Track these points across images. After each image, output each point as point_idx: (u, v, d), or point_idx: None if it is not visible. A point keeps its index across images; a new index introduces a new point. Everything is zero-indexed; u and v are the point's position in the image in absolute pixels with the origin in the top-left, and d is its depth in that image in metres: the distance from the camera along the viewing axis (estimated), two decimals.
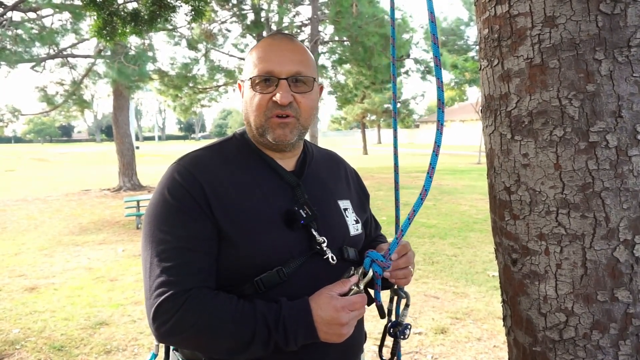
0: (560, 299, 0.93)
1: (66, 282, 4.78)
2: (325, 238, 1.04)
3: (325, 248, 1.03)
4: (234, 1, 13.98)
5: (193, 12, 4.16)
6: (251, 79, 1.03)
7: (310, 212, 1.04)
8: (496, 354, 3.06)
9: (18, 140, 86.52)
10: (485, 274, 4.75)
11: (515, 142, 0.98)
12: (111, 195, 12.23)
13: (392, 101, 1.32)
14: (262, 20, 14.31)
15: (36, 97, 12.73)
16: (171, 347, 1.12)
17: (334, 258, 1.04)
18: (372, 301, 1.11)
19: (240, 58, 15.13)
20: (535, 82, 0.93)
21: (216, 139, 1.17)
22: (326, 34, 16.08)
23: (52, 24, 10.87)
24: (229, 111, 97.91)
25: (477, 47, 1.14)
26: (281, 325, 0.92)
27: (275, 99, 1.01)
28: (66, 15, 10.32)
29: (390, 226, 5.75)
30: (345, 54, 15.18)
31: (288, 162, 1.12)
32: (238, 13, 14.28)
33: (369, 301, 1.13)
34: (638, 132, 0.86)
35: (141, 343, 3.31)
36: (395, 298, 1.26)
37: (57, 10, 9.90)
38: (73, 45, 12.38)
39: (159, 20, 4.13)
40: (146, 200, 7.75)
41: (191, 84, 14.59)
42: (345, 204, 1.17)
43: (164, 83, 14.22)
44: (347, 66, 16.58)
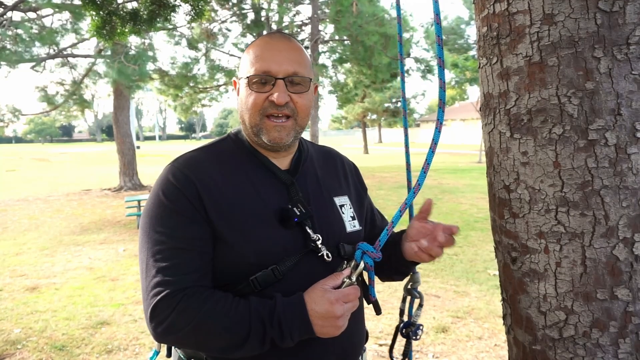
0: (559, 298, 0.93)
1: (67, 282, 4.78)
2: (320, 235, 1.04)
3: (320, 245, 1.04)
4: (234, 0, 13.98)
5: (193, 12, 4.16)
6: (248, 78, 1.04)
7: (304, 210, 1.04)
8: (497, 353, 3.06)
9: (19, 140, 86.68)
10: (486, 273, 4.75)
11: (514, 140, 0.98)
12: (112, 195, 12.23)
13: (402, 99, 1.32)
14: (262, 19, 14.31)
15: (36, 97, 12.79)
16: None
17: (329, 255, 1.04)
18: (370, 301, 1.11)
19: (240, 57, 15.12)
20: (534, 80, 0.93)
21: (212, 139, 1.18)
22: (326, 33, 16.08)
23: (52, 24, 10.91)
24: (230, 110, 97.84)
25: (477, 46, 1.13)
26: (276, 320, 0.92)
27: (272, 99, 1.01)
28: (66, 15, 10.34)
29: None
30: (345, 53, 15.19)
31: (283, 161, 1.12)
32: (238, 12, 14.29)
33: (367, 301, 1.13)
34: (637, 130, 0.85)
35: (142, 342, 3.31)
36: (408, 298, 1.26)
37: (57, 10, 9.92)
38: (73, 45, 12.38)
39: (159, 19, 4.13)
40: (147, 200, 7.75)
41: (192, 84, 14.61)
42: (341, 200, 1.17)
43: (165, 83, 14.24)
44: (348, 65, 16.60)
